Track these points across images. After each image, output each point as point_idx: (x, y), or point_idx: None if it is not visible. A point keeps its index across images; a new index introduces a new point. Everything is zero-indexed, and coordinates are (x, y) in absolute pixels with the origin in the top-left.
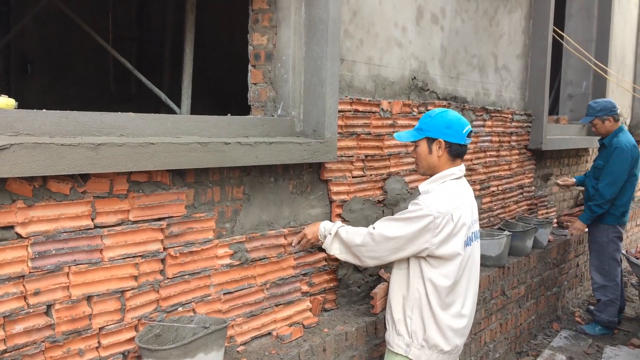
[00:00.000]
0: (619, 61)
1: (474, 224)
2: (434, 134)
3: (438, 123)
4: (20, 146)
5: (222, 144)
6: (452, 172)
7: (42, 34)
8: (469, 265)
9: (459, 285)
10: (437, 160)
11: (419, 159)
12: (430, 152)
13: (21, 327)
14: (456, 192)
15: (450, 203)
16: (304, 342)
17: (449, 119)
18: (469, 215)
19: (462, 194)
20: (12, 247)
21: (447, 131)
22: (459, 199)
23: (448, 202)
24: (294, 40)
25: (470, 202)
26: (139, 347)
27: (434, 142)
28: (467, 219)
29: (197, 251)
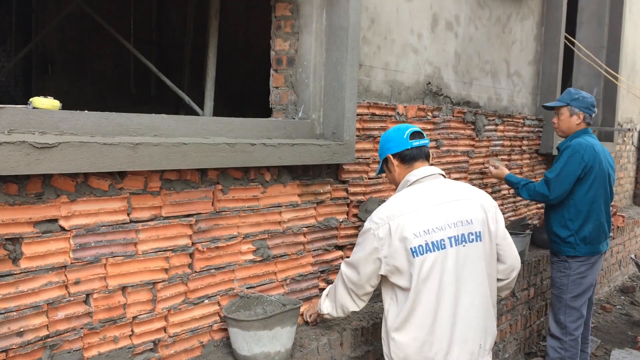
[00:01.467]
0: (629, 68)
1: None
2: (382, 155)
3: (381, 145)
4: (67, 145)
5: (248, 144)
6: (406, 180)
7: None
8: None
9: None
10: (397, 175)
11: (389, 181)
12: (390, 171)
13: (62, 314)
14: (410, 197)
15: (393, 209)
16: (322, 336)
17: (387, 135)
18: (429, 220)
19: (419, 197)
20: (55, 239)
21: (389, 145)
22: (411, 203)
23: (391, 208)
24: (315, 46)
25: (441, 202)
26: (226, 317)
27: (386, 161)
28: (418, 226)
29: (223, 247)
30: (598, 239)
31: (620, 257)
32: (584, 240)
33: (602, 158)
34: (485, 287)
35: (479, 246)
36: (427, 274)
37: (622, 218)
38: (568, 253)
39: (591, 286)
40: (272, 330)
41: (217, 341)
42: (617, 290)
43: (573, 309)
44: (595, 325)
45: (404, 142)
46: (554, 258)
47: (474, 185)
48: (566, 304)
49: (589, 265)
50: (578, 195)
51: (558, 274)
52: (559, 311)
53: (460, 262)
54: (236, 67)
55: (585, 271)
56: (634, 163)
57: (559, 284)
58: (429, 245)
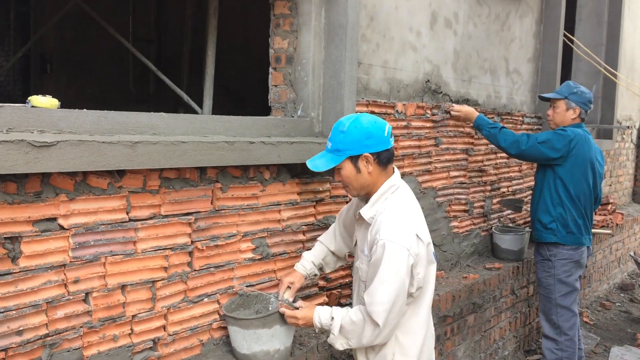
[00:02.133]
0: (628, 65)
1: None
2: (355, 151)
3: (356, 137)
4: (66, 143)
5: (247, 143)
6: (392, 184)
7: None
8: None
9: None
10: (369, 178)
11: (348, 182)
12: (358, 171)
13: (62, 313)
14: (407, 207)
15: (411, 225)
16: (322, 334)
17: (366, 128)
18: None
19: (412, 205)
20: (55, 238)
21: (368, 142)
22: (414, 213)
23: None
24: (314, 44)
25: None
26: (225, 315)
27: (359, 159)
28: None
29: (222, 245)
30: (579, 230)
31: (620, 254)
32: (566, 228)
33: (593, 151)
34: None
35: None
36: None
37: (621, 215)
38: (549, 239)
39: (577, 283)
40: (271, 329)
41: (217, 339)
42: (616, 288)
43: (564, 308)
44: (595, 323)
45: (386, 140)
46: (537, 257)
47: (474, 183)
48: (556, 303)
49: (572, 263)
50: (563, 180)
51: (543, 274)
52: (549, 312)
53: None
54: (235, 66)
55: (569, 269)
56: (633, 161)
57: (545, 284)
58: (432, 255)
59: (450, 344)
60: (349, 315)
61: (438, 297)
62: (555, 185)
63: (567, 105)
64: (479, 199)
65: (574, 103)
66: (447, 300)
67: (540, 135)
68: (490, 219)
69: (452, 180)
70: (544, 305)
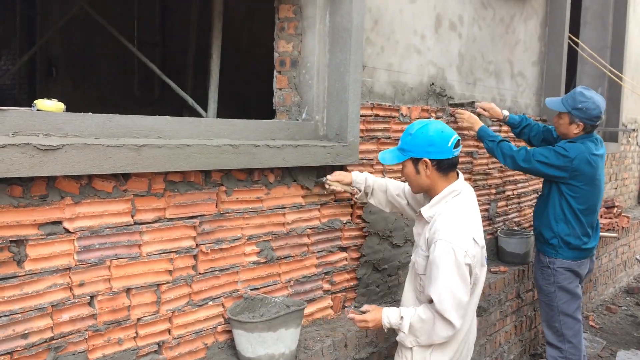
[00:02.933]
0: (633, 68)
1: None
2: (417, 154)
3: (419, 142)
4: (71, 147)
5: (252, 146)
6: (453, 189)
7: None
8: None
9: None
10: (427, 180)
11: (408, 180)
12: (417, 172)
13: (67, 316)
14: (466, 211)
15: (468, 228)
16: (327, 337)
17: (430, 136)
18: (481, 231)
19: (471, 210)
20: (60, 241)
21: (430, 149)
22: (472, 218)
23: (466, 227)
24: (319, 48)
25: (478, 214)
26: (230, 318)
27: (419, 162)
28: (481, 236)
29: (227, 248)
30: (581, 246)
31: (626, 257)
32: (568, 245)
33: (599, 165)
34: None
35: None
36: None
37: (627, 219)
38: (550, 254)
39: (578, 288)
40: (276, 332)
41: (222, 343)
42: (622, 291)
43: (567, 316)
44: (601, 327)
45: (449, 150)
46: (538, 263)
47: (479, 186)
48: (559, 311)
49: (572, 272)
50: (567, 198)
51: (544, 282)
52: (552, 319)
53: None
54: (240, 69)
55: (569, 277)
56: (639, 164)
57: (546, 292)
58: (485, 257)
59: None
60: (417, 314)
61: None
62: (560, 202)
63: (570, 120)
64: (484, 202)
65: (577, 119)
66: None
67: (539, 152)
68: (496, 222)
69: None
70: (546, 313)
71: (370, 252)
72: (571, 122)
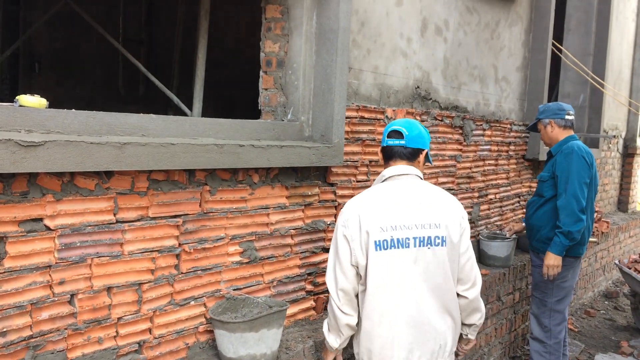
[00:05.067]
0: (615, 75)
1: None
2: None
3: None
4: (53, 143)
5: (236, 146)
6: (382, 175)
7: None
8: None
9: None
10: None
11: None
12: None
13: (46, 315)
14: (374, 194)
15: (360, 204)
16: (309, 338)
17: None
18: (393, 216)
19: (384, 195)
20: (40, 239)
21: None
22: (376, 200)
23: (359, 203)
24: (305, 49)
25: (412, 202)
26: (212, 319)
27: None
28: (382, 221)
29: (210, 248)
30: (583, 241)
31: (605, 262)
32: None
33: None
34: (443, 291)
35: (442, 251)
36: (387, 270)
37: (607, 224)
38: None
39: (572, 288)
40: (258, 332)
41: (203, 343)
42: (601, 296)
43: (557, 312)
44: (579, 330)
45: (383, 140)
46: (536, 262)
47: (462, 189)
48: (551, 307)
49: (571, 267)
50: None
51: (541, 278)
52: (542, 315)
53: (421, 263)
54: (225, 68)
55: (567, 274)
56: (619, 170)
57: (543, 288)
58: (393, 241)
59: None
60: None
61: None
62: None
63: (543, 124)
64: (467, 206)
65: (545, 119)
66: None
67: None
68: (478, 225)
69: (440, 186)
70: (537, 308)
71: None
72: (544, 125)
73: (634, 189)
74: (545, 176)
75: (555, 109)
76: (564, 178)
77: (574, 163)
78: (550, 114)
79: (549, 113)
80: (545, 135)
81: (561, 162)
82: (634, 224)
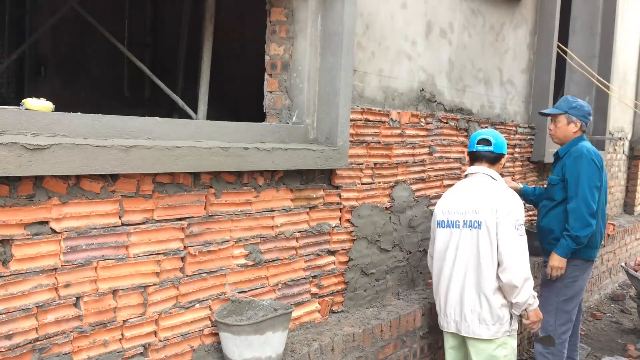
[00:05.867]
0: (621, 78)
1: (463, 213)
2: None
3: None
4: (59, 146)
5: (242, 148)
6: (465, 173)
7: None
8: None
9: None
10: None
11: None
12: None
13: (52, 317)
14: (452, 187)
15: (442, 197)
16: (314, 341)
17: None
18: (454, 204)
19: (456, 187)
20: (46, 241)
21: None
22: (448, 193)
23: (443, 194)
24: (310, 52)
25: (464, 192)
26: (217, 321)
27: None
28: (444, 206)
29: (215, 250)
30: (595, 244)
31: (611, 265)
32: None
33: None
34: (475, 266)
35: (478, 233)
36: (443, 242)
37: (613, 226)
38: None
39: (582, 290)
40: (263, 335)
41: (208, 346)
42: (607, 298)
43: (564, 312)
44: (586, 333)
45: (471, 144)
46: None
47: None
48: (557, 306)
49: (582, 269)
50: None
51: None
52: (548, 314)
53: (464, 240)
54: (230, 71)
55: (578, 275)
56: (625, 172)
57: (551, 286)
58: (449, 222)
59: (442, 353)
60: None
61: (430, 305)
62: None
63: (567, 120)
64: None
65: (574, 117)
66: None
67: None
68: None
69: (445, 188)
70: (543, 306)
71: (359, 256)
72: (569, 121)
73: None
74: (555, 179)
75: (587, 112)
76: (574, 182)
77: (584, 167)
78: (581, 114)
79: (580, 112)
80: (562, 130)
81: (571, 166)
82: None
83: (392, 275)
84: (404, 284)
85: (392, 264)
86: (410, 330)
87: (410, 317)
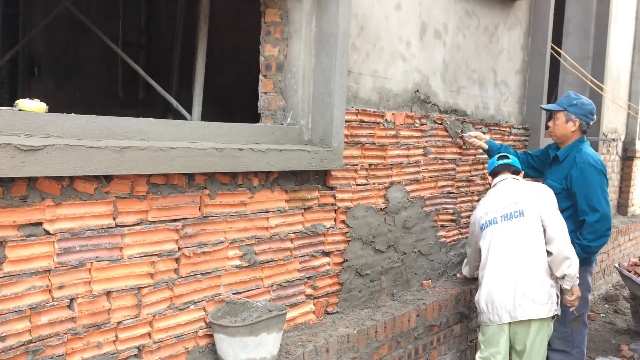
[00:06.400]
0: (614, 79)
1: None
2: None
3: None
4: (53, 147)
5: (236, 149)
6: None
7: (49, 39)
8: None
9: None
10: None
11: None
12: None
13: (46, 319)
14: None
15: (480, 203)
16: (308, 342)
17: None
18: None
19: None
20: (40, 243)
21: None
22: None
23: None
24: (304, 53)
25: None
26: (212, 323)
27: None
28: (483, 210)
29: (209, 252)
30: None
31: (605, 265)
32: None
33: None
34: (521, 250)
35: (522, 220)
36: (487, 240)
37: None
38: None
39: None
40: (258, 337)
41: (203, 347)
42: (601, 299)
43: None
44: None
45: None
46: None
47: (461, 192)
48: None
49: (591, 275)
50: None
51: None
52: (564, 324)
53: (506, 232)
54: (225, 72)
55: (588, 281)
56: (618, 173)
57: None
58: (489, 221)
59: (437, 353)
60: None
61: (425, 306)
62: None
63: (566, 117)
64: (467, 209)
65: (573, 115)
66: (433, 310)
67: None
68: None
69: (440, 189)
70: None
71: (353, 257)
72: (567, 119)
73: (634, 192)
74: (557, 188)
75: (588, 111)
76: (584, 195)
77: (595, 180)
78: (581, 113)
79: (580, 111)
80: (560, 128)
81: (578, 178)
82: (633, 227)
83: (387, 276)
84: (398, 285)
85: (387, 265)
86: (404, 331)
87: (405, 318)
